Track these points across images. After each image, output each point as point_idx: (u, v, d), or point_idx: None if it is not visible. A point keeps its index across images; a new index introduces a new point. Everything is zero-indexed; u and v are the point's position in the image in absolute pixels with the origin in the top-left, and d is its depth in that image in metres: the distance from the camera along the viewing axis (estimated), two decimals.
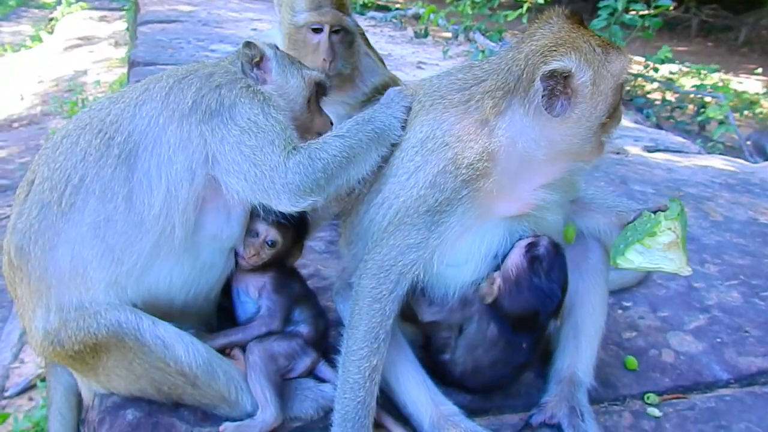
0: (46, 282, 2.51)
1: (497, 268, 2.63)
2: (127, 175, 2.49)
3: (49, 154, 2.61)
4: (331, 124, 3.00)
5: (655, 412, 2.87)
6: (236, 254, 2.79)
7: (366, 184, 2.73)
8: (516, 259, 2.60)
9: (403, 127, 2.69)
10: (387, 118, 2.69)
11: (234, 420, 2.59)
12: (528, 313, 2.63)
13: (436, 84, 2.75)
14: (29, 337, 2.67)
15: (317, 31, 3.83)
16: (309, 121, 2.92)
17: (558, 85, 2.38)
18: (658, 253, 2.49)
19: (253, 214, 2.73)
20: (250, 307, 2.86)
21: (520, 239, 2.62)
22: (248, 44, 2.83)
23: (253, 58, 2.82)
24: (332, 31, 3.84)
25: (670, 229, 2.48)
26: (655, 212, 2.57)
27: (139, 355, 2.49)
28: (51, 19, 19.86)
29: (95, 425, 2.65)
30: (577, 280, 2.83)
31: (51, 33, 18.12)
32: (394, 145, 2.68)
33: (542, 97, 2.39)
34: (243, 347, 2.78)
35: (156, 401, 2.65)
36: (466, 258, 2.59)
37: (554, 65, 2.38)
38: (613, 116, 2.53)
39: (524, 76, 2.44)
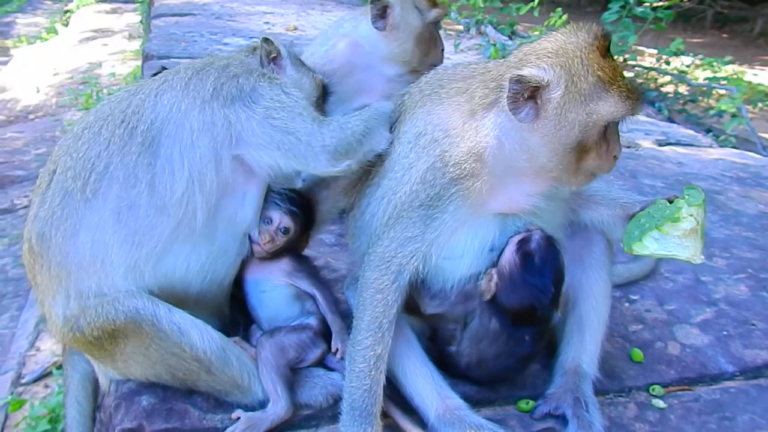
0: (66, 268, 2.57)
1: (496, 262, 2.66)
2: (150, 161, 2.56)
3: (70, 144, 2.67)
4: None
5: (659, 403, 2.89)
6: (251, 241, 2.84)
7: (366, 179, 2.84)
8: (509, 256, 2.62)
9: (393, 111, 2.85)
10: (378, 105, 2.89)
11: (246, 407, 2.65)
12: (524, 308, 2.65)
13: (441, 72, 2.79)
14: (48, 324, 2.74)
15: (436, 24, 3.93)
16: None
17: (524, 91, 2.35)
18: (674, 240, 2.50)
19: (267, 202, 2.81)
20: (272, 297, 2.91)
21: (514, 234, 2.64)
22: (266, 40, 2.93)
23: (270, 54, 2.93)
24: None
25: (692, 215, 2.49)
26: (671, 201, 2.56)
27: (155, 341, 2.55)
28: (66, 12, 20.00)
29: (111, 410, 2.72)
30: (580, 272, 2.87)
31: (66, 25, 18.26)
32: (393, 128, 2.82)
33: (507, 98, 2.37)
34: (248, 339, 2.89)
35: (170, 388, 2.71)
36: (462, 252, 2.63)
37: (525, 72, 2.36)
38: (593, 152, 2.46)
39: (512, 71, 2.41)
